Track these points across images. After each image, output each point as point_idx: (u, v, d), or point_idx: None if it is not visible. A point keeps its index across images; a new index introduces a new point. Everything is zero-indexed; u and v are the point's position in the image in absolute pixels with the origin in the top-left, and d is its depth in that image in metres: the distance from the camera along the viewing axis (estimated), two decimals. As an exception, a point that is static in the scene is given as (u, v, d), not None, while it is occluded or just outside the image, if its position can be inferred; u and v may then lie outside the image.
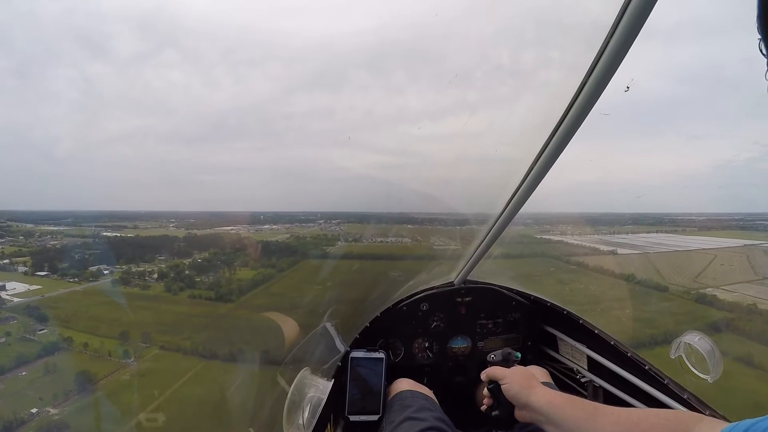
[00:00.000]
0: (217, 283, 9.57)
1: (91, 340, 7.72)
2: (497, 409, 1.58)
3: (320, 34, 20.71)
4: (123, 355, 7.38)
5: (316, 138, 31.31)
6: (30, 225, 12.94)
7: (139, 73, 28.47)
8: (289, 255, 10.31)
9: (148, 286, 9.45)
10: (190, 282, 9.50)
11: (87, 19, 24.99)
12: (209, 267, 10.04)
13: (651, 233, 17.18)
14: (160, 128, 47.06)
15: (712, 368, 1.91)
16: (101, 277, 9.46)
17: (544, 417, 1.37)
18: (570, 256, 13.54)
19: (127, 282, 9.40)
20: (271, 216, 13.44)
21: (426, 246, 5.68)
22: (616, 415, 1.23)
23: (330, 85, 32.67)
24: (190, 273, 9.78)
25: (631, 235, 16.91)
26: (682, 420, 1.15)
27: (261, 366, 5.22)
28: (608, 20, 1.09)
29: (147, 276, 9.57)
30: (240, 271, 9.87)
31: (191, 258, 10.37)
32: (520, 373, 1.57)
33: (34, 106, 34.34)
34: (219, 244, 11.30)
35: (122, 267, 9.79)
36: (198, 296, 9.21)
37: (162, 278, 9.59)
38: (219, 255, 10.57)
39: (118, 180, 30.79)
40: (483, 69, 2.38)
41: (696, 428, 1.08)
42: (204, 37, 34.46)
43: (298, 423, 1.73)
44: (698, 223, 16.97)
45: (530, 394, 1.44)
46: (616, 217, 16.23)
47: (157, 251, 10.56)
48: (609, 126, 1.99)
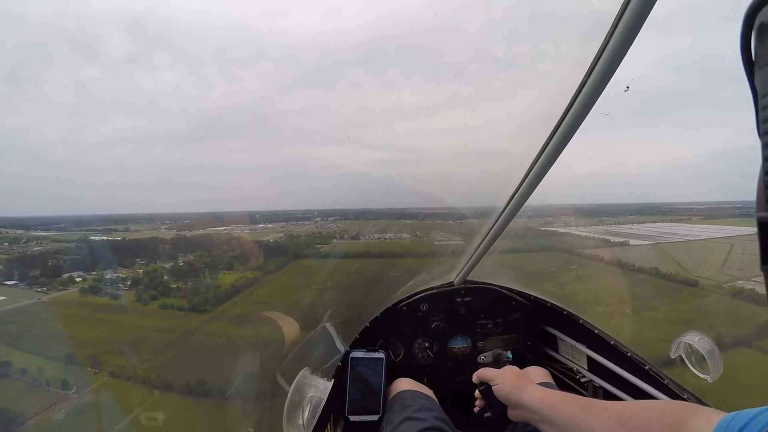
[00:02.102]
0: (195, 290, 8.04)
1: (34, 363, 6.14)
2: (489, 411, 1.55)
3: (313, 30, 20.16)
4: (61, 386, 5.76)
5: (312, 136, 30.79)
6: (20, 231, 11.81)
7: (131, 75, 27.98)
8: (280, 255, 8.94)
9: (119, 295, 7.95)
10: (164, 289, 7.95)
11: (77, 21, 24.37)
12: (190, 271, 8.55)
13: (656, 223, 16.14)
14: (154, 130, 46.64)
15: (712, 368, 1.87)
16: (71, 286, 8.04)
17: (537, 415, 1.33)
18: (581, 248, 12.27)
19: (96, 291, 7.90)
20: (268, 215, 12.12)
21: (425, 246, 5.39)
22: (609, 410, 1.18)
23: (324, 83, 32.36)
24: (167, 279, 8.25)
25: (636, 225, 15.89)
26: (677, 411, 1.06)
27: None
28: (611, 12, 1.05)
29: (120, 283, 8.15)
30: (223, 275, 8.45)
31: (173, 262, 8.97)
32: (511, 372, 1.54)
33: (27, 111, 33.57)
34: (207, 246, 9.94)
35: (95, 274, 8.39)
36: (170, 306, 7.63)
37: (135, 285, 8.13)
38: (204, 257, 9.16)
39: (113, 183, 29.96)
40: (481, 63, 2.29)
41: (692, 420, 0.99)
42: (195, 37, 34.15)
43: (298, 423, 1.70)
44: (701, 212, 15.91)
45: (522, 393, 1.41)
46: (618, 208, 15.23)
47: (139, 255, 9.20)
48: (609, 118, 1.62)
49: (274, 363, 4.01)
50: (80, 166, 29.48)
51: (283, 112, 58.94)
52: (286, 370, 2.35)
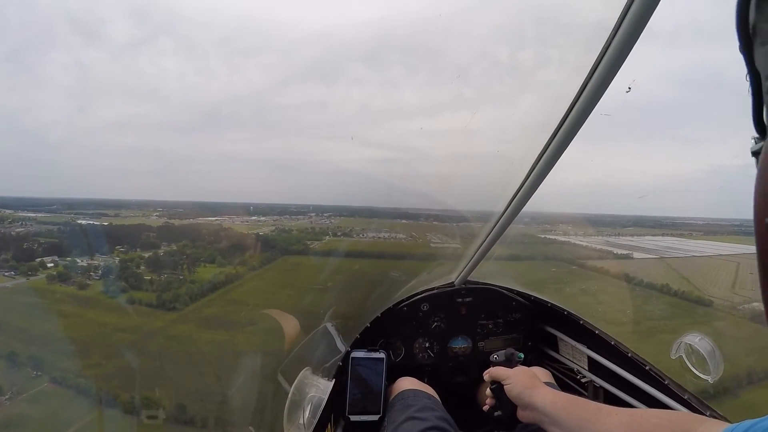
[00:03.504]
0: (168, 284, 7.15)
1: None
2: (500, 410, 1.51)
3: (318, 25, 19.85)
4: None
5: (312, 130, 30.41)
6: (9, 211, 11.04)
7: (133, 61, 27.61)
8: (266, 250, 8.13)
9: (87, 284, 7.04)
10: (136, 282, 7.07)
11: (80, 3, 23.87)
12: (168, 263, 7.71)
13: (657, 236, 15.52)
14: (154, 117, 46.47)
15: (712, 369, 1.82)
16: (40, 272, 7.21)
17: (548, 417, 1.28)
18: (584, 259, 11.48)
19: (65, 279, 7.05)
20: (262, 207, 11.57)
21: (425, 246, 5.16)
22: (619, 416, 1.14)
23: (326, 78, 32.38)
24: (142, 270, 7.40)
25: (637, 237, 15.21)
26: (685, 422, 1.06)
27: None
28: (611, 20, 1.03)
29: (92, 272, 7.30)
30: (203, 269, 7.62)
31: (153, 251, 8.14)
32: (523, 373, 1.49)
33: (28, 92, 32.93)
34: (192, 236, 9.12)
35: (68, 260, 7.56)
36: (138, 301, 6.74)
37: (107, 275, 7.32)
38: (187, 248, 8.32)
39: (110, 168, 29.41)
40: (484, 67, 2.27)
41: (699, 429, 0.98)
42: (200, 25, 33.82)
43: (298, 423, 1.66)
44: (700, 228, 15.26)
45: (533, 394, 1.36)
46: (616, 219, 14.35)
47: (121, 242, 8.39)
48: (608, 128, 1.69)
49: (241, 379, 3.41)
50: (78, 149, 28.89)
51: (284, 105, 58.71)
52: (286, 370, 2.32)
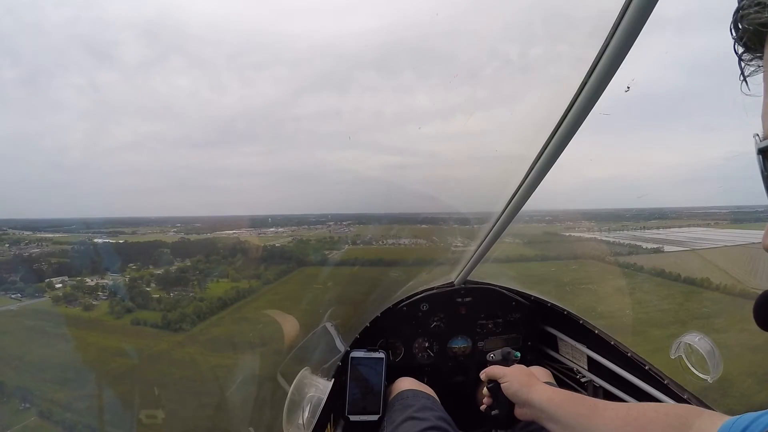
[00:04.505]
0: (176, 302, 6.65)
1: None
2: (497, 408, 1.48)
3: (326, 35, 19.71)
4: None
5: (326, 139, 30.05)
6: (28, 233, 10.79)
7: (146, 80, 27.90)
8: (282, 262, 7.57)
9: (92, 305, 6.54)
10: (143, 301, 6.56)
11: (91, 27, 24.02)
12: (179, 279, 7.19)
13: (683, 227, 14.69)
14: (169, 134, 46.91)
15: (712, 368, 1.80)
16: (47, 293, 6.76)
17: (545, 414, 1.27)
18: (614, 255, 10.67)
19: (71, 300, 6.58)
20: (280, 219, 11.12)
21: (426, 246, 5.23)
22: (616, 411, 1.14)
23: (337, 86, 32.07)
24: (152, 288, 6.91)
25: (663, 230, 14.38)
26: (682, 414, 1.04)
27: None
28: (613, 11, 1.00)
29: (100, 291, 6.82)
30: (215, 284, 7.10)
31: (165, 268, 7.64)
32: (520, 371, 1.47)
33: (44, 116, 33.45)
34: (207, 251, 8.62)
35: (76, 280, 7.09)
36: (143, 322, 6.21)
37: (113, 295, 6.82)
38: (200, 263, 7.81)
39: (128, 186, 29.50)
40: (487, 66, 2.21)
41: (696, 422, 0.98)
42: (210, 42, 33.94)
43: (298, 423, 1.64)
44: (723, 216, 14.34)
45: (530, 391, 1.34)
46: (637, 213, 13.92)
47: (133, 260, 7.93)
48: (615, 121, 1.50)
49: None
50: (95, 170, 29.05)
51: (297, 116, 58.89)
52: (286, 370, 2.29)
